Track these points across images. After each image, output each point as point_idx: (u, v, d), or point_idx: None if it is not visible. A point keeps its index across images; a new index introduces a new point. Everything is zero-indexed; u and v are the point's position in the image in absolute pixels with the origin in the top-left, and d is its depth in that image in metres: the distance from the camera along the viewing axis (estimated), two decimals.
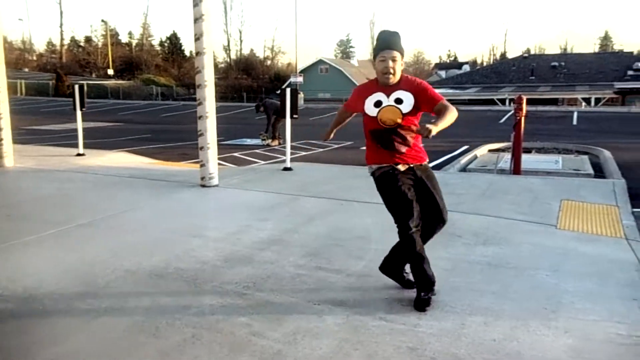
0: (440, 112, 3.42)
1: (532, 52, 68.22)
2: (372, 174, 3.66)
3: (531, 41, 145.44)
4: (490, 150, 15.00)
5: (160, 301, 3.64)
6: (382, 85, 3.55)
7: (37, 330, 3.21)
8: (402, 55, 3.50)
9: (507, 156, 11.09)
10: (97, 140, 15.29)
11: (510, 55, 76.69)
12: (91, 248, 4.79)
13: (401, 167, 3.56)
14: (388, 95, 3.51)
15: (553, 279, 4.08)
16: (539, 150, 14.83)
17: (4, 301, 3.61)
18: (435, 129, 3.23)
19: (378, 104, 3.52)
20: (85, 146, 11.17)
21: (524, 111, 9.77)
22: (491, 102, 41.20)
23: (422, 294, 3.54)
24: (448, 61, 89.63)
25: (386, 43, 3.48)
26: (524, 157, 10.65)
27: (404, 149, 3.54)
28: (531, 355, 2.91)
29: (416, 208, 3.50)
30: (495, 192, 7.38)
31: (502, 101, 40.60)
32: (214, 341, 3.07)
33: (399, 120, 3.48)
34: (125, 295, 3.74)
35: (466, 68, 68.05)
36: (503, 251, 4.75)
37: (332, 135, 4.17)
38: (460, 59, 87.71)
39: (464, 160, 12.86)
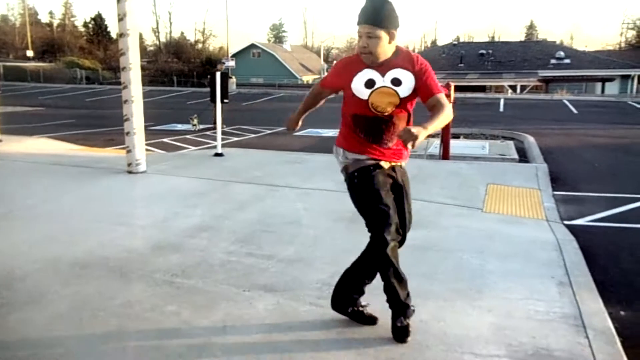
0: (433, 109, 2.82)
1: (462, 40, 69.98)
2: (345, 168, 3.07)
3: (461, 30, 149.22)
4: None
5: (83, 292, 3.50)
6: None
7: None
8: (386, 29, 2.76)
9: (437, 142, 11.33)
10: (15, 126, 14.51)
11: (440, 42, 78.45)
12: (9, 239, 4.54)
13: (385, 164, 2.95)
14: (383, 74, 2.84)
15: (478, 260, 4.21)
16: (467, 136, 15.24)
17: None
18: (422, 135, 2.56)
19: (370, 83, 2.84)
20: (3, 132, 10.59)
21: (452, 98, 9.99)
22: None
23: (397, 322, 2.93)
24: None
25: (362, 16, 2.78)
26: (453, 142, 10.91)
27: (391, 143, 2.93)
28: (456, 334, 2.99)
29: (395, 218, 2.89)
30: (424, 176, 7.53)
31: None
32: (140, 331, 2.98)
33: (393, 107, 2.86)
34: (46, 287, 3.57)
35: None
36: (431, 234, 4.85)
37: (299, 124, 3.35)
38: None
39: None
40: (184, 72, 54.11)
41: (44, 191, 6.37)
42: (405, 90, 2.85)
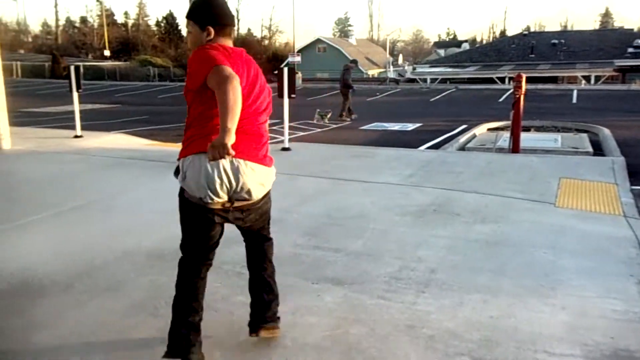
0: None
1: (532, 30, 67.73)
2: None
3: (531, 18, 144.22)
4: (489, 129, 14.94)
5: (158, 281, 3.64)
6: None
7: (34, 311, 3.22)
8: (194, 22, 2.59)
9: (506, 135, 11.06)
10: (94, 122, 15.21)
11: (510, 33, 76.09)
12: (88, 229, 4.78)
13: None
14: None
15: (551, 256, 4.08)
16: (538, 129, 14.78)
17: (1, 282, 3.61)
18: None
19: None
20: (83, 128, 11.11)
21: (523, 89, 9.72)
22: (490, 80, 40.98)
23: None
24: (447, 39, 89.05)
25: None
26: (523, 135, 10.62)
27: None
28: (528, 332, 2.93)
29: None
30: (493, 170, 7.37)
31: (502, 80, 40.36)
32: (212, 320, 3.08)
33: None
34: (123, 275, 3.74)
35: (466, 46, 67.56)
36: (501, 229, 4.75)
37: None
38: (460, 37, 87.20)
39: (462, 139, 12.81)
40: None
41: (120, 184, 6.65)
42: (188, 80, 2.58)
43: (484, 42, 79.70)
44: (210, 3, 2.59)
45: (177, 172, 2.66)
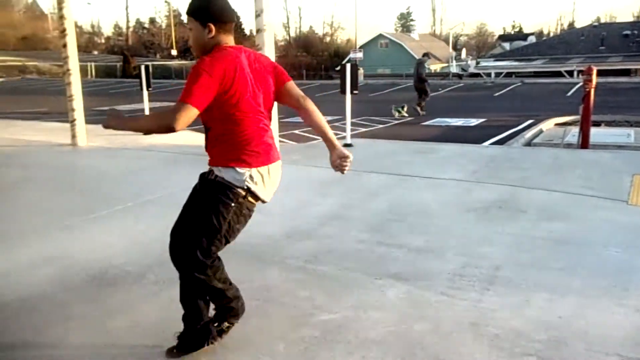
0: None
1: (603, 21, 64.99)
2: None
3: (601, 9, 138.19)
4: (556, 124, 14.47)
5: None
6: None
7: (111, 300, 3.38)
8: (194, 18, 2.54)
9: (575, 130, 10.68)
10: None
11: (578, 25, 73.22)
12: (158, 223, 4.94)
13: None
14: None
15: (624, 255, 3.94)
16: (610, 124, 14.20)
17: (77, 273, 3.80)
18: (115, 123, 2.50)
19: None
20: None
21: (594, 82, 9.36)
22: (558, 74, 39.60)
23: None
24: (512, 33, 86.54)
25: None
26: (593, 130, 10.23)
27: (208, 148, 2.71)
28: (598, 333, 2.84)
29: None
30: (561, 166, 7.14)
31: (570, 73, 38.91)
32: (277, 313, 3.15)
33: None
34: None
35: (532, 39, 65.55)
36: (570, 227, 4.61)
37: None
38: (526, 30, 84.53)
39: (528, 134, 12.47)
40: (312, 65, 55.35)
41: (187, 180, 6.83)
42: None
43: (551, 35, 77.02)
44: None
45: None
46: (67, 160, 8.68)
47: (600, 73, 15.31)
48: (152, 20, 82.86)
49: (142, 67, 11.51)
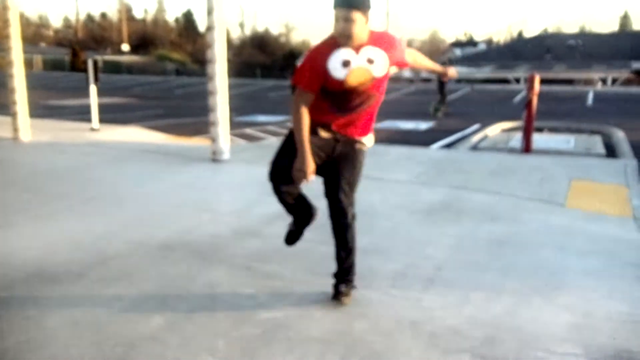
0: (417, 58, 3.36)
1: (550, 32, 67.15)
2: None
3: (550, 22, 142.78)
4: (502, 130, 14.89)
5: (169, 272, 3.72)
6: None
7: (49, 299, 3.30)
8: (364, 12, 2.81)
9: (519, 135, 11.02)
10: (111, 115, 15.38)
11: (527, 35, 75.42)
12: (101, 221, 4.87)
13: (323, 133, 3.16)
14: (358, 53, 2.92)
15: (557, 256, 4.10)
16: (552, 130, 14.70)
17: (16, 270, 3.71)
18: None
19: (346, 63, 2.91)
20: (100, 121, 11.26)
21: (536, 90, 9.67)
22: (506, 81, 40.71)
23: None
24: (464, 40, 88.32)
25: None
26: (536, 136, 10.57)
27: (355, 115, 3.12)
28: (531, 330, 2.96)
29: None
30: (504, 170, 7.36)
31: (518, 80, 40.09)
32: (220, 311, 3.15)
33: (367, 85, 2.98)
34: (135, 266, 3.82)
35: (482, 46, 67.16)
36: (509, 229, 4.77)
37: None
38: (476, 39, 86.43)
39: (474, 139, 12.79)
40: (267, 64, 55.14)
41: (135, 176, 6.75)
42: (378, 68, 2.96)
43: (501, 42, 78.99)
44: None
45: None
46: (7, 155, 8.40)
47: (545, 81, 15.82)
48: (104, 14, 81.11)
49: (90, 61, 11.23)
